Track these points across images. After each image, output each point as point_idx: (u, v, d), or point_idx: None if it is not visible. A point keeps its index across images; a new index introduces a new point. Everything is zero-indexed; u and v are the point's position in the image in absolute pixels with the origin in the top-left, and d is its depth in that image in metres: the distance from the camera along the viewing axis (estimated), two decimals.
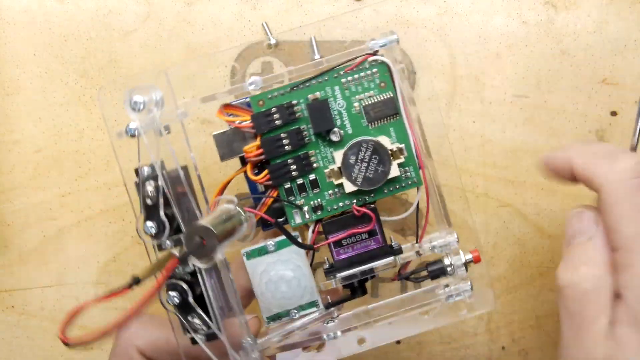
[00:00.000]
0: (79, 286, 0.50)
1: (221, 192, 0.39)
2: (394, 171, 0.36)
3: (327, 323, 0.39)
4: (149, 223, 0.35)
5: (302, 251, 0.37)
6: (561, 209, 0.50)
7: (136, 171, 0.36)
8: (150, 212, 0.35)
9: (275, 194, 0.38)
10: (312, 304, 0.38)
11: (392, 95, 0.37)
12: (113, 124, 0.36)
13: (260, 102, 0.37)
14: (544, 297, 0.50)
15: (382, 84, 0.37)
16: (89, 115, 0.49)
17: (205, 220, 0.32)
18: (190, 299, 0.35)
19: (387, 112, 0.37)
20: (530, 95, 0.49)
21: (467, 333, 0.50)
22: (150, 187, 0.35)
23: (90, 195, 0.50)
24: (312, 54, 0.49)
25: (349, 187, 0.36)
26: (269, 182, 0.37)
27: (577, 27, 0.49)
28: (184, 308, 0.35)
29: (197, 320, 0.35)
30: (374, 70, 0.37)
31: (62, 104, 0.50)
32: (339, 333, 0.38)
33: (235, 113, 0.38)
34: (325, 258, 0.39)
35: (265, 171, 0.37)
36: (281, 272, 0.37)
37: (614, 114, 0.49)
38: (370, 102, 0.37)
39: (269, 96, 0.37)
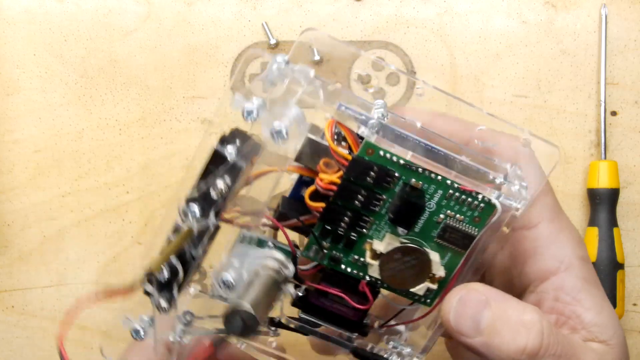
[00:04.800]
0: (78, 286, 0.50)
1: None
2: (420, 290, 0.35)
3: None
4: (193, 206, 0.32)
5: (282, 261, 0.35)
6: None
7: (222, 139, 0.33)
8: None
9: (312, 220, 0.35)
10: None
11: (475, 234, 0.35)
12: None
13: (370, 151, 0.34)
14: None
15: (477, 219, 0.34)
16: (89, 115, 0.50)
17: (248, 299, 0.30)
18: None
19: (459, 245, 0.35)
20: (530, 95, 0.49)
21: None
22: (222, 182, 0.32)
23: (90, 195, 0.50)
24: (312, 54, 0.50)
25: (374, 273, 0.35)
26: (317, 213, 0.35)
27: (577, 27, 0.49)
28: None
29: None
30: (482, 204, 0.34)
31: (62, 104, 0.50)
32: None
33: (345, 134, 0.34)
34: (300, 288, 0.38)
35: (322, 204, 0.35)
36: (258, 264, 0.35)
37: (614, 114, 0.49)
38: (454, 224, 0.35)
39: (381, 153, 0.34)
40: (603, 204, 0.49)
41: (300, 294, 0.36)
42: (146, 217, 0.50)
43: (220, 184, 0.31)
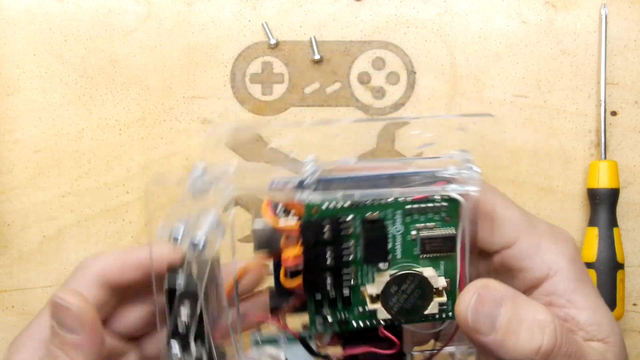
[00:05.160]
0: None
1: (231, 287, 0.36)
2: (433, 309, 0.34)
3: None
4: (174, 343, 0.33)
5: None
6: (561, 209, 0.50)
7: (167, 275, 0.33)
8: (176, 332, 0.33)
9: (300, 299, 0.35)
10: None
11: (454, 232, 0.34)
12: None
13: (314, 210, 0.34)
14: None
15: (447, 218, 0.34)
16: (89, 115, 0.50)
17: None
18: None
19: (444, 249, 0.35)
20: (530, 95, 0.50)
21: None
22: (185, 310, 0.33)
23: (90, 195, 0.50)
24: (312, 54, 0.50)
25: (383, 315, 0.34)
26: (299, 291, 0.35)
27: (577, 27, 0.50)
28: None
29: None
30: (444, 203, 0.34)
31: (62, 104, 0.50)
32: None
33: (287, 206, 0.35)
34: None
35: (299, 278, 0.35)
36: None
37: (614, 114, 0.50)
38: (429, 234, 0.35)
39: (324, 207, 0.34)
40: (603, 204, 0.49)
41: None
42: (146, 217, 0.50)
43: (184, 314, 0.32)
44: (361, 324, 0.35)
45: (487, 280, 0.33)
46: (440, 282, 0.34)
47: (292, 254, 0.34)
